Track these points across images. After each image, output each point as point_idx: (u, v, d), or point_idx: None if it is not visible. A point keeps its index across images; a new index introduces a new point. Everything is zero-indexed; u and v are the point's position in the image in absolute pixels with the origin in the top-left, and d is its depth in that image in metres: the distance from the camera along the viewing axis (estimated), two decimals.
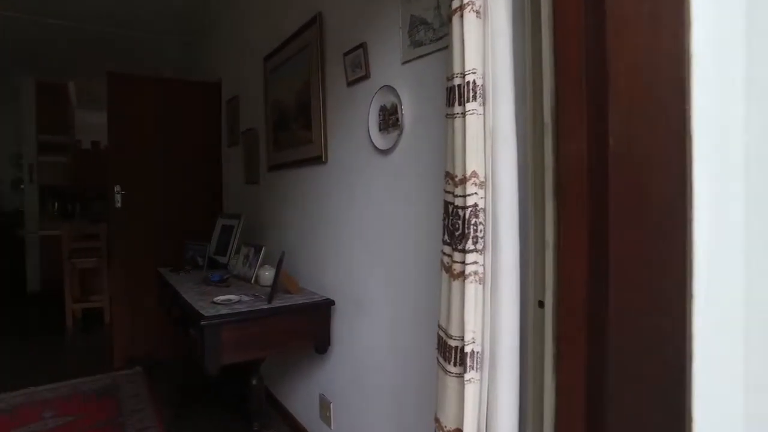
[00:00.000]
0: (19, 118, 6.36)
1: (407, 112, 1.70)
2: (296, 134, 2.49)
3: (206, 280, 2.47)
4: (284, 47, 2.60)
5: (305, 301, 2.11)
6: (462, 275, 1.02)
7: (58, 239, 4.92)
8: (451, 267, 1.06)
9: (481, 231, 1.00)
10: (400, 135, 1.73)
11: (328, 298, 2.16)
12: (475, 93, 1.00)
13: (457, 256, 1.04)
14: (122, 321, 3.64)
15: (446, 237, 1.10)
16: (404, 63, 1.72)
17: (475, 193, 1.00)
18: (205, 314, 1.85)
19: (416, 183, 1.67)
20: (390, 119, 1.78)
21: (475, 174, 1.00)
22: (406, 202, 1.72)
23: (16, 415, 2.87)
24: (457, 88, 1.04)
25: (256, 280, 2.46)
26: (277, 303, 2.06)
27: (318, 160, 2.27)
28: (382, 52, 1.84)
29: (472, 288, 1.00)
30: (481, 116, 1.01)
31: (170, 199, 3.72)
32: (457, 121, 1.03)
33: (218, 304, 2.01)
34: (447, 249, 1.09)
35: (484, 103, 1.01)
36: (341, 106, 2.13)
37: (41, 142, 6.28)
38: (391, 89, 1.77)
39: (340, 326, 2.14)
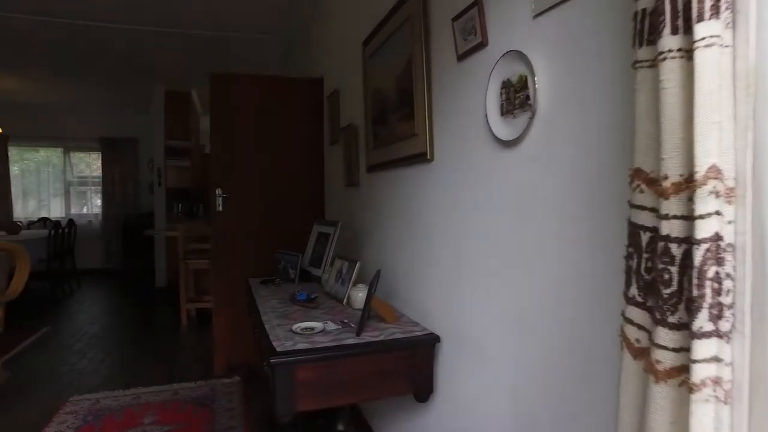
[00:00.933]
0: (150, 125, 6.82)
1: (543, 86, 1.19)
2: (397, 127, 2.07)
3: (293, 297, 2.16)
4: (383, 25, 2.19)
5: (403, 336, 1.68)
6: (678, 377, 0.50)
7: (176, 240, 5.09)
8: (648, 354, 0.54)
9: (730, 294, 0.48)
10: (531, 119, 1.22)
11: (432, 333, 1.70)
12: (716, 4, 0.48)
13: (664, 335, 0.52)
14: (222, 327, 3.53)
15: (635, 291, 0.58)
16: (537, 15, 1.20)
17: (717, 213, 0.48)
18: (278, 348, 1.50)
19: (557, 187, 1.15)
20: (516, 98, 1.28)
21: (715, 172, 0.48)
22: (543, 213, 1.20)
23: (122, 416, 2.88)
24: (667, 4, 0.52)
25: (348, 302, 2.08)
26: (367, 336, 1.65)
27: (421, 157, 1.83)
28: (504, 6, 1.34)
29: (706, 410, 0.48)
30: (729, 51, 0.49)
31: (271, 202, 3.54)
32: (669, 68, 0.51)
33: (297, 333, 1.66)
34: (637, 314, 0.58)
35: (734, 25, 0.49)
36: (450, 88, 1.66)
37: (169, 147, 6.66)
38: (517, 56, 1.26)
39: (447, 369, 1.68)
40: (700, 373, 0.47)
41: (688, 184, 0.49)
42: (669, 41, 0.51)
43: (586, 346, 1.05)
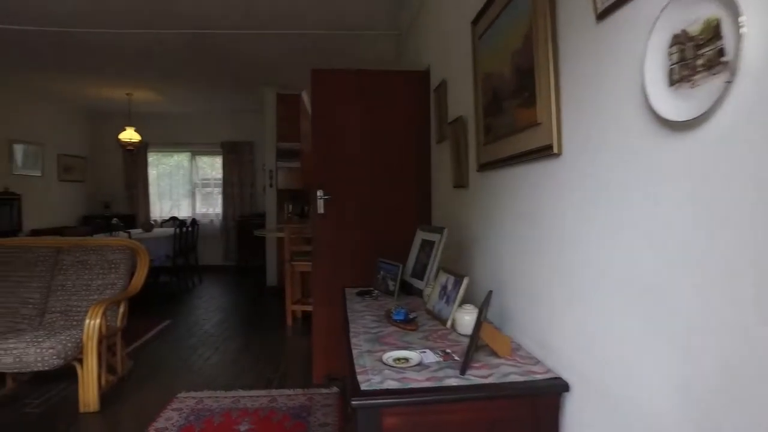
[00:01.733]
0: (263, 128, 7.06)
1: (755, 32, 0.77)
2: (514, 116, 1.70)
3: (389, 315, 1.88)
4: None
5: (520, 378, 1.31)
6: None
7: (283, 241, 5.14)
8: None
9: None
10: (728, 84, 0.80)
11: (559, 378, 1.32)
12: None
13: None
14: (322, 334, 3.39)
15: None
16: None
17: None
18: (363, 386, 1.23)
19: None
20: (697, 57, 0.87)
21: None
22: (748, 220, 0.78)
23: (221, 419, 2.85)
24: None
25: (453, 325, 1.76)
26: (474, 375, 1.32)
27: (546, 151, 1.45)
28: None
29: None
30: None
31: (374, 205, 3.33)
32: None
33: (388, 366, 1.38)
34: None
35: None
36: (585, 60, 1.27)
37: (280, 149, 6.83)
38: None
39: (578, 428, 1.28)
40: None
41: None
42: None
43: None
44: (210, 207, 9.13)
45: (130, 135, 7.01)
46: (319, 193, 3.26)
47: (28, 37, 4.58)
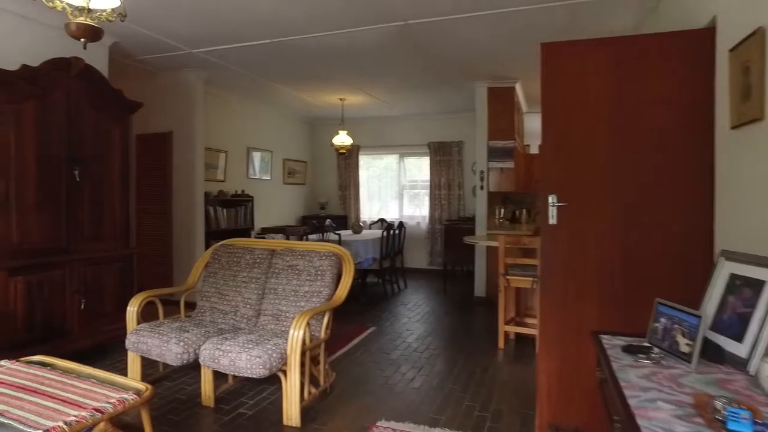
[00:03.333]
0: (473, 126, 6.54)
1: None
2: None
3: (712, 416, 1.08)
4: None
5: None
6: None
7: (495, 249, 4.50)
8: None
9: None
10: None
11: None
12: None
13: None
14: (549, 375, 2.65)
15: None
16: None
17: None
18: None
19: None
20: None
21: None
22: None
23: None
24: None
25: None
26: None
27: None
28: None
29: None
30: None
31: (630, 217, 2.45)
32: None
33: None
34: None
35: None
36: None
37: (492, 148, 6.21)
38: None
39: None
40: None
41: None
42: None
43: None
44: (417, 209, 9.03)
45: (342, 139, 7.24)
46: (552, 199, 2.53)
47: (259, 50, 4.88)
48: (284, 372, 2.78)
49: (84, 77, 3.68)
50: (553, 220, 2.53)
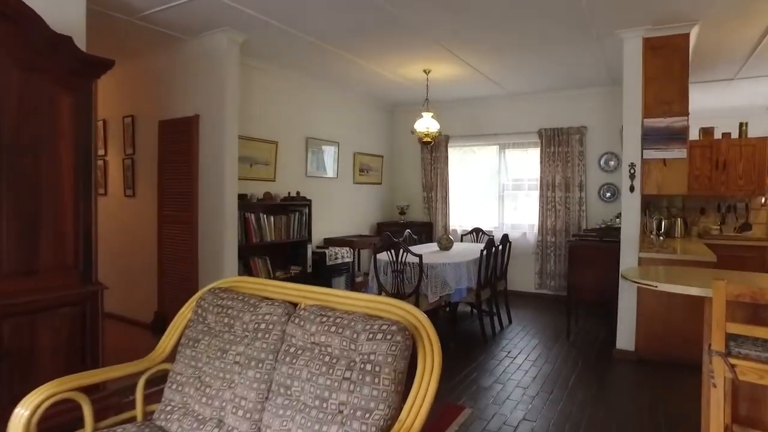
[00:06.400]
0: (614, 98, 4.51)
1: None
2: None
3: None
4: None
5: None
6: None
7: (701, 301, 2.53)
8: None
9: None
10: None
11: None
12: None
13: None
14: None
15: None
16: None
17: None
18: None
19: None
20: None
21: None
22: None
23: None
24: None
25: None
26: None
27: None
28: None
29: None
30: None
31: None
32: None
33: None
34: None
35: None
36: None
37: (648, 129, 4.16)
38: None
39: None
40: None
41: None
42: None
43: None
44: (522, 216, 7.05)
45: (427, 123, 5.49)
46: None
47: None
48: None
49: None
50: None
